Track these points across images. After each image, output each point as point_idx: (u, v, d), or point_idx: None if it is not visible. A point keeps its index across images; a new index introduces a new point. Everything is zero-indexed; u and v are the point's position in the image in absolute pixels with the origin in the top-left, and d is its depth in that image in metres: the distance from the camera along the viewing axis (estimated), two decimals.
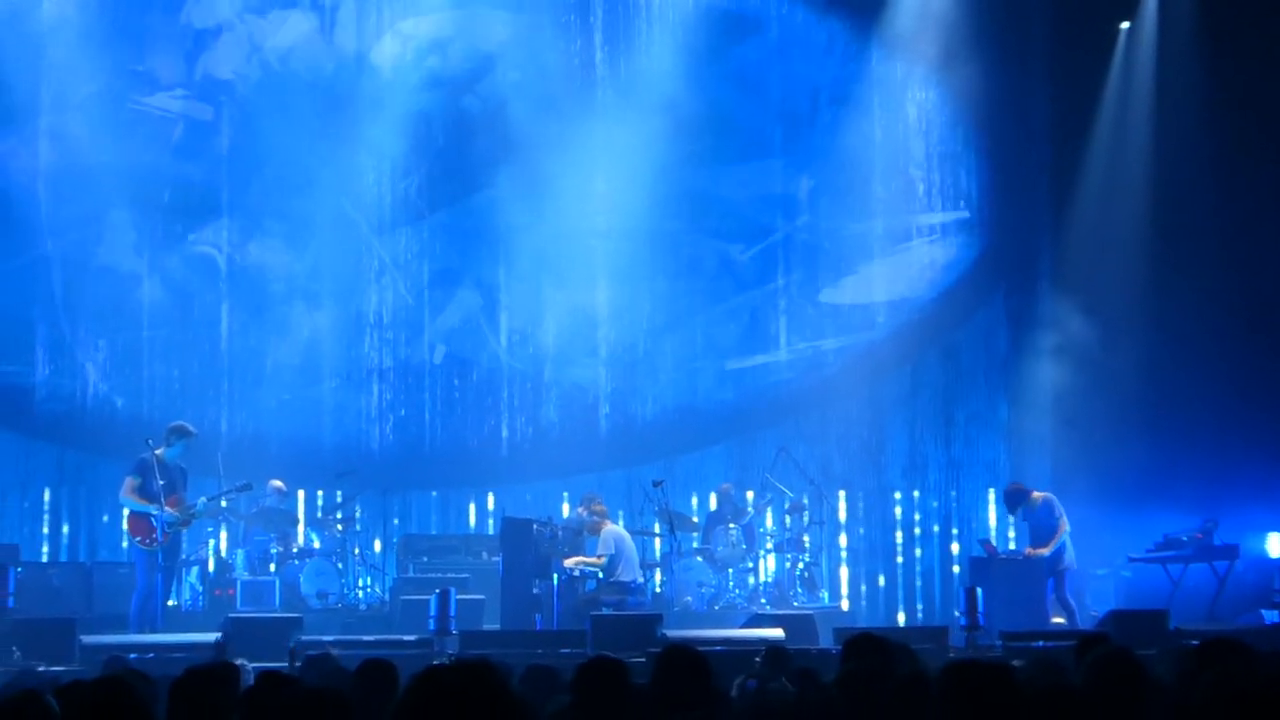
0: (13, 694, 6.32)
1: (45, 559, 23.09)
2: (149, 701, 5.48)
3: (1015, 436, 24.74)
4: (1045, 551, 20.40)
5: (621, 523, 22.47)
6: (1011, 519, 22.57)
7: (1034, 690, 5.62)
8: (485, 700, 3.68)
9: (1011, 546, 23.53)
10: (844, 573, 25.28)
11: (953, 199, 25.61)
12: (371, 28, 24.99)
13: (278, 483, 22.56)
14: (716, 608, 22.27)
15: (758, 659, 11.56)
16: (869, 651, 8.33)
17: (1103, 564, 22.62)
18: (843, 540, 25.32)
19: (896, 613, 25.04)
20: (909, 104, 25.72)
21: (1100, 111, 24.72)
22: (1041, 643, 16.91)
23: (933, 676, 6.15)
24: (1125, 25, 24.85)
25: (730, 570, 22.89)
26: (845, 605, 24.37)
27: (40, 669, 14.08)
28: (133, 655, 14.16)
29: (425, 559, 22.65)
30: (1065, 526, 20.41)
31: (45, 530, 23.66)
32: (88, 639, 16.59)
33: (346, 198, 24.70)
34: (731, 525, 23.09)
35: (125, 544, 20.50)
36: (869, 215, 25.57)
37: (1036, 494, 20.87)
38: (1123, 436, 23.05)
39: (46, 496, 23.72)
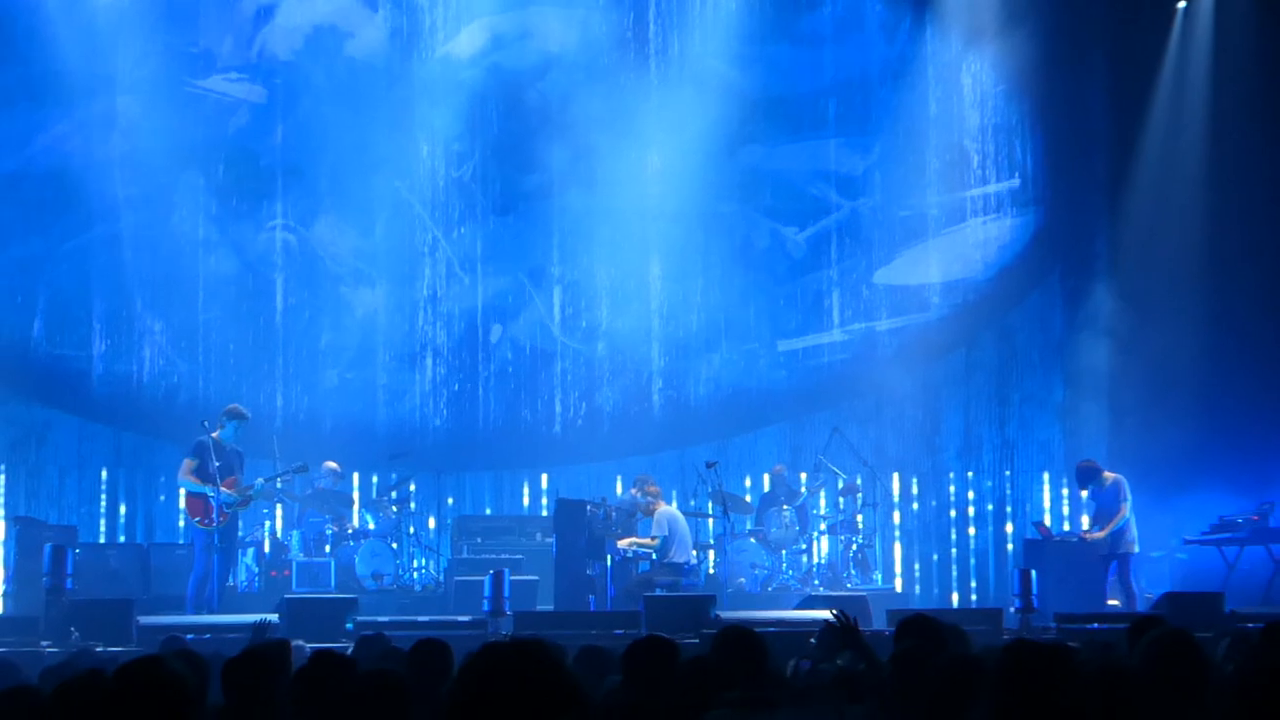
0: (74, 674, 6.38)
1: (103, 540, 23.19)
2: (191, 679, 5.50)
3: (1070, 418, 24.62)
4: (1100, 535, 20.33)
5: (674, 504, 22.48)
6: (1083, 495, 22.42)
7: (1089, 672, 5.61)
8: (540, 678, 3.70)
9: (1066, 528, 23.48)
10: (898, 554, 25.22)
11: (1008, 179, 25.49)
12: (427, 10, 24.99)
13: (332, 464, 22.66)
14: (770, 589, 22.27)
15: (811, 640, 11.56)
16: (922, 632, 8.32)
17: (1158, 546, 22.49)
18: (896, 521, 25.26)
19: (950, 594, 24.98)
20: (964, 82, 25.59)
21: (1157, 90, 24.56)
22: (1096, 625, 16.87)
23: (983, 658, 6.14)
24: (1182, 4, 24.68)
25: (784, 552, 22.88)
26: (899, 587, 24.31)
27: (98, 649, 14.17)
28: (189, 636, 14.23)
29: (479, 540, 22.69)
30: (1126, 511, 20.31)
31: (103, 511, 23.78)
32: (145, 620, 16.71)
33: (402, 179, 24.75)
34: (785, 507, 23.07)
35: (182, 525, 20.59)
36: (924, 195, 25.50)
37: (1108, 474, 20.73)
38: (1178, 417, 22.93)
39: (104, 478, 23.84)
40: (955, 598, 24.90)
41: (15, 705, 6.29)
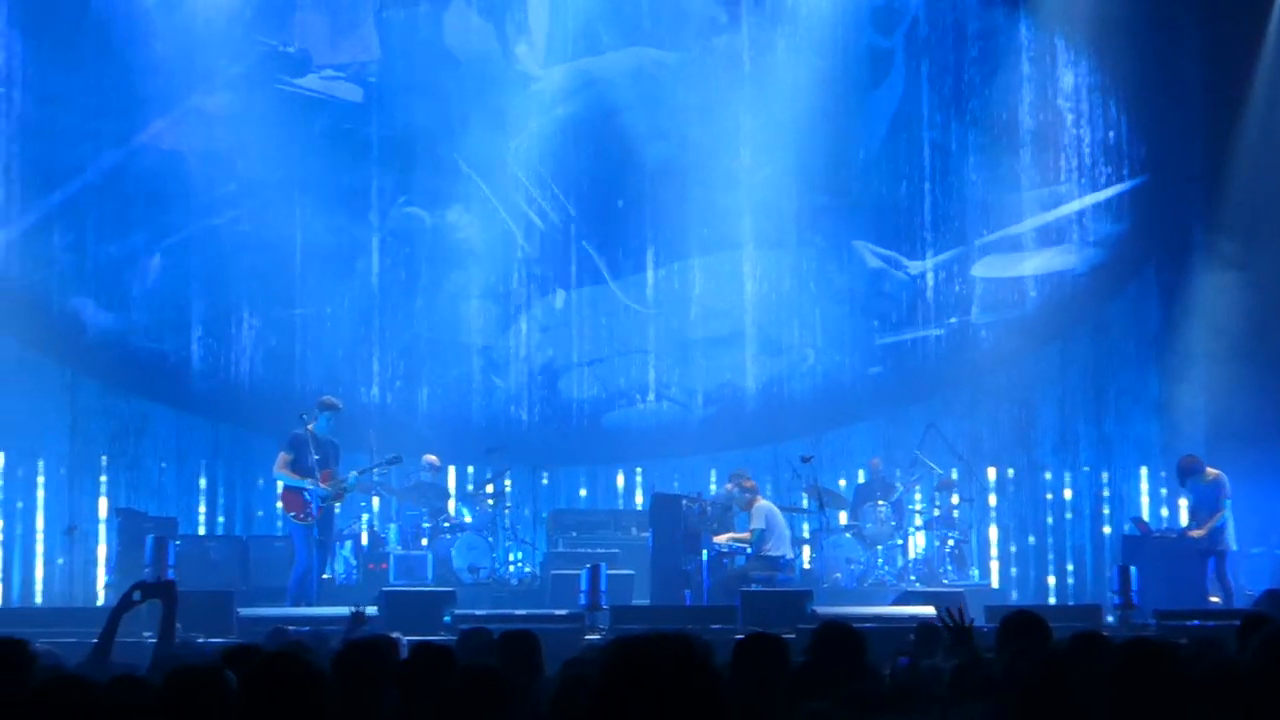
0: (193, 666, 6.43)
1: (202, 532, 23.39)
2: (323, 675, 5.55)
3: (1167, 412, 24.40)
4: (1200, 533, 20.17)
5: (769, 498, 22.45)
6: (1183, 493, 22.25)
7: (1198, 670, 5.57)
8: (689, 674, 3.70)
9: (1165, 524, 23.31)
10: (993, 550, 25.11)
11: (1104, 171, 25.31)
12: (522, 7, 25.07)
13: (432, 457, 22.77)
14: (865, 584, 22.21)
15: (911, 636, 11.52)
16: (1028, 629, 8.28)
17: (1258, 542, 22.29)
18: (992, 517, 25.14)
19: (1047, 591, 24.82)
20: (1060, 74, 25.44)
21: (1254, 82, 24.30)
22: (1197, 622, 16.74)
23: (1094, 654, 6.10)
24: None
25: (879, 547, 22.81)
26: (995, 583, 24.21)
27: (200, 640, 14.29)
28: (290, 628, 14.33)
29: (575, 534, 22.74)
30: (1225, 510, 20.13)
31: (201, 504, 23.98)
32: (245, 611, 16.86)
33: (496, 176, 24.81)
34: (881, 502, 23.00)
35: (280, 520, 20.74)
36: (1019, 188, 25.35)
37: (1210, 470, 20.52)
38: (1277, 413, 22.72)
39: (202, 470, 24.04)
40: (1052, 594, 24.74)
41: (127, 694, 6.33)
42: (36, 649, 6.95)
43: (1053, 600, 24.25)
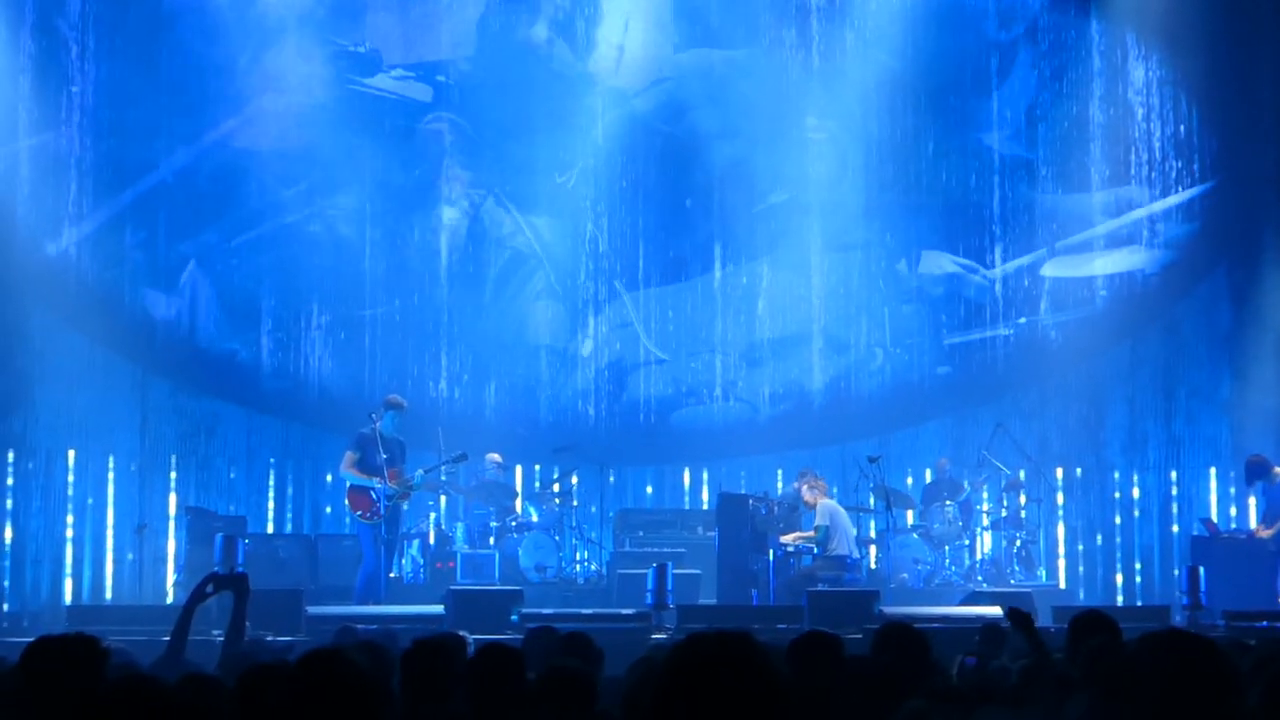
0: (265, 664, 6.46)
1: (270, 531, 23.51)
2: (376, 672, 5.57)
3: (1238, 413, 24.24)
4: (1269, 533, 20.05)
5: (835, 498, 22.41)
6: (1251, 494, 22.13)
7: (1274, 671, 5.54)
8: (752, 673, 3.72)
9: (1234, 523, 23.16)
10: (1061, 550, 25.00)
11: (1175, 170, 25.15)
12: (593, 6, 25.09)
13: (495, 456, 22.80)
14: (933, 585, 22.18)
15: (977, 637, 11.51)
16: (1098, 628, 8.25)
17: None
18: (1060, 518, 25.03)
19: (1114, 591, 24.70)
20: (1132, 72, 25.29)
21: None
22: (1266, 623, 16.65)
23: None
24: None
25: (946, 547, 22.76)
26: (1063, 583, 24.11)
27: (269, 639, 14.37)
28: (359, 627, 14.40)
29: (641, 534, 22.75)
30: None
31: (270, 503, 24.11)
32: (314, 610, 16.95)
33: (564, 177, 24.85)
34: (948, 502, 22.94)
35: (348, 519, 20.85)
36: (1089, 187, 25.24)
37: (1279, 470, 20.43)
38: None
39: (272, 469, 24.18)
40: (1120, 595, 24.62)
41: (197, 694, 6.37)
42: (109, 646, 6.99)
43: (1120, 601, 24.13)
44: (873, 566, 22.40)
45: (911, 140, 25.21)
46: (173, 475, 23.37)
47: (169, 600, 20.81)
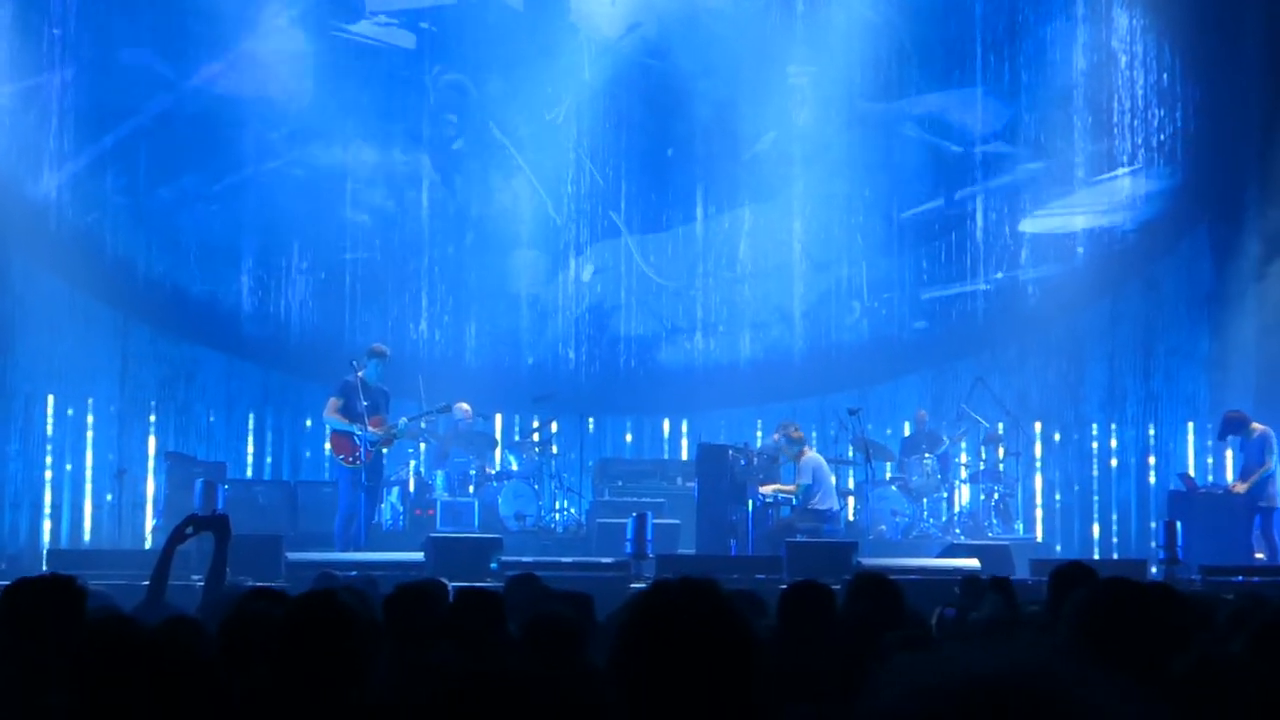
0: (247, 604, 6.47)
1: (250, 477, 23.51)
2: (359, 615, 5.57)
3: (1217, 370, 24.30)
4: (1243, 488, 20.14)
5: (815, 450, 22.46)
6: (1228, 450, 22.21)
7: (1254, 625, 5.57)
8: (717, 619, 3.73)
9: (1210, 480, 23.24)
10: (1039, 504, 25.10)
11: (1157, 127, 25.14)
12: None
13: (464, 406, 22.69)
14: (911, 537, 22.27)
15: (956, 589, 11.55)
16: (1078, 580, 8.28)
17: None
18: (1038, 472, 25.12)
19: (1092, 545, 24.79)
20: (1115, 29, 25.25)
21: None
22: (1241, 578, 16.73)
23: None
24: None
25: (925, 500, 22.86)
26: (1040, 536, 24.23)
27: (248, 584, 14.36)
28: (337, 573, 14.41)
29: (620, 483, 22.80)
30: (1271, 464, 20.07)
31: (249, 449, 24.10)
32: (293, 556, 16.97)
33: (548, 127, 24.80)
34: (927, 455, 23.02)
35: (328, 464, 20.87)
36: (1070, 143, 25.22)
37: (1256, 425, 20.48)
38: None
39: (251, 416, 24.16)
40: (1096, 549, 24.71)
41: (181, 635, 6.37)
42: (87, 587, 6.99)
43: (1096, 555, 24.21)
44: (851, 518, 22.45)
45: (896, 92, 25.19)
46: (152, 420, 23.35)
47: (148, 545, 20.79)
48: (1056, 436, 25.28)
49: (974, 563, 17.38)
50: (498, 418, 24.39)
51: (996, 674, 2.33)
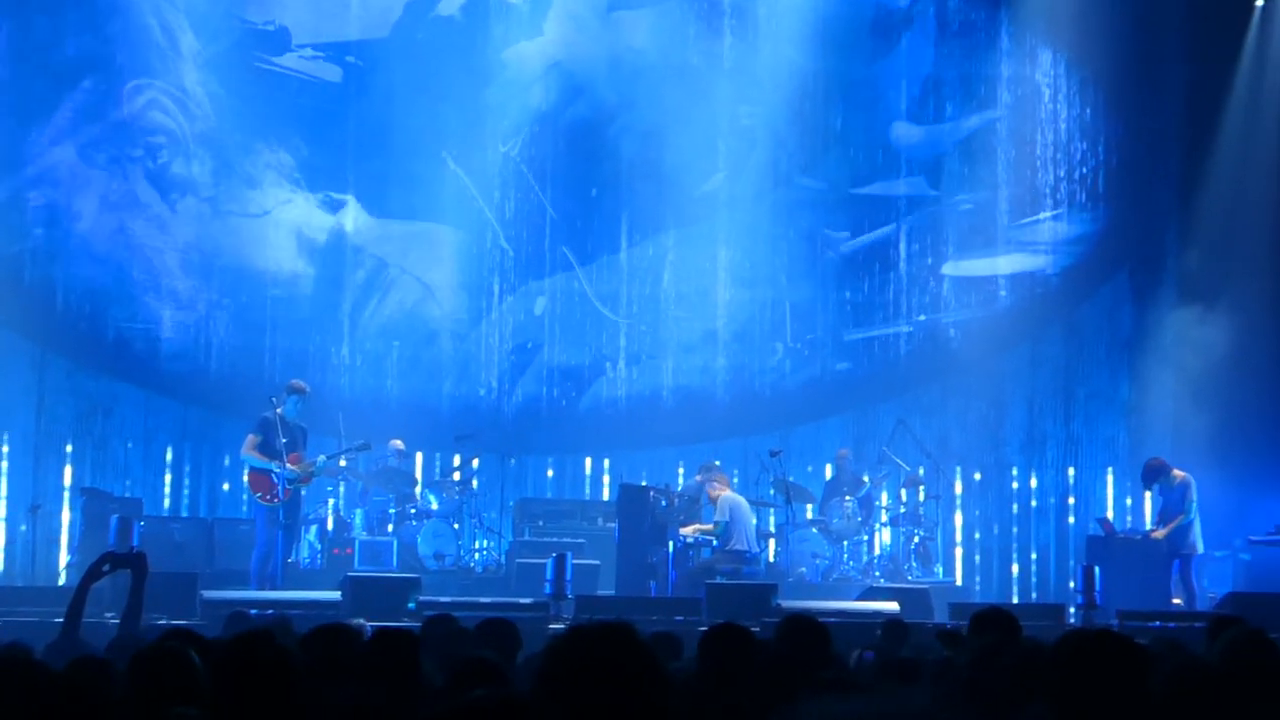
0: (160, 643, 6.37)
1: (167, 514, 23.27)
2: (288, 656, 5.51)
3: (1136, 415, 24.48)
4: (1161, 534, 20.23)
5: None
6: (1147, 494, 22.36)
7: (1167, 669, 5.57)
8: (631, 662, 3.70)
9: (1129, 525, 23.36)
10: (959, 548, 25.16)
11: (1079, 173, 25.33)
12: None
13: (397, 442, 22.68)
14: (831, 579, 22.25)
15: (878, 631, 11.55)
16: (996, 625, 8.29)
17: (1221, 546, 22.34)
18: (958, 515, 25.19)
19: (1011, 588, 24.88)
20: (1038, 77, 25.47)
21: (1233, 88, 24.37)
22: (1159, 623, 16.79)
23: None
24: (1261, 2, 24.47)
25: (845, 542, 22.86)
26: (959, 580, 24.28)
27: (161, 622, 14.22)
28: (253, 611, 14.28)
29: (541, 523, 22.70)
30: (1191, 513, 20.15)
31: (167, 486, 23.86)
32: (209, 594, 16.78)
33: (470, 163, 24.70)
34: (848, 497, 23.03)
35: (245, 500, 20.68)
36: (994, 188, 25.38)
37: (1178, 473, 20.55)
38: (1245, 418, 22.80)
39: (169, 452, 23.93)
40: (1015, 592, 24.79)
41: (86, 676, 6.29)
42: None
43: (1015, 599, 24.28)
44: (771, 560, 22.45)
45: (821, 134, 25.27)
46: (69, 453, 23.10)
47: (61, 581, 20.58)
48: (977, 477, 25.36)
49: (894, 606, 17.39)
50: (418, 456, 24.26)
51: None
